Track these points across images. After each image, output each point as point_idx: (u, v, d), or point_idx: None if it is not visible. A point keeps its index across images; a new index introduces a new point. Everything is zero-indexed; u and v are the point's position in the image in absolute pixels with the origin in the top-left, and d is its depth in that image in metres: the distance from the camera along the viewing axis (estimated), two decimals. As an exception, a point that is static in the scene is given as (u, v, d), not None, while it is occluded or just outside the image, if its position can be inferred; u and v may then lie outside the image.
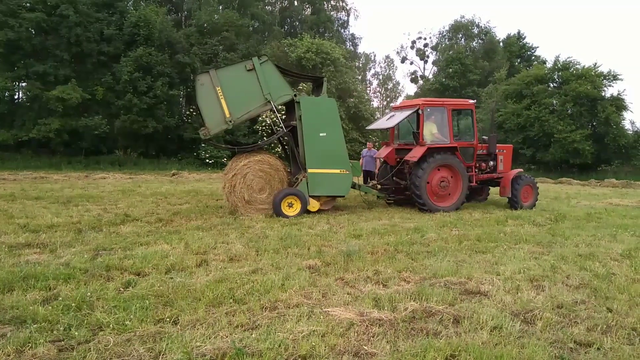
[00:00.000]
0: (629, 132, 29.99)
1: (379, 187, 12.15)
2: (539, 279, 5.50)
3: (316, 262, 5.98)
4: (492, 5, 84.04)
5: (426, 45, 55.02)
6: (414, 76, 56.99)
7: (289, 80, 11.18)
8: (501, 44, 46.67)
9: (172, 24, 29.06)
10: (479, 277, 5.47)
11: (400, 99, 57.11)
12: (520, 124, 30.47)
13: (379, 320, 4.09)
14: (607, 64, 60.21)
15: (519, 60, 45.78)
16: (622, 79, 38.08)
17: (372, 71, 61.71)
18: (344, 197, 11.40)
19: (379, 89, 60.67)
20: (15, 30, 22.60)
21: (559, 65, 31.49)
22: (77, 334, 3.68)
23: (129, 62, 24.55)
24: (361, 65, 57.70)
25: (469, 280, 5.37)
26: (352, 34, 52.86)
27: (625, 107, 29.19)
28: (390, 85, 60.57)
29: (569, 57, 31.84)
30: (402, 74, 79.61)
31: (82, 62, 25.35)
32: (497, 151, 12.40)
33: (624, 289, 5.16)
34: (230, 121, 9.96)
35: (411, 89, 77.57)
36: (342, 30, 49.10)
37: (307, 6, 46.28)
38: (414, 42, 55.69)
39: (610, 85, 29.63)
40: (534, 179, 12.74)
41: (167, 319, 4.03)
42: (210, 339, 3.65)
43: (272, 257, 6.28)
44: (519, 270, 5.82)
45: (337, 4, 48.65)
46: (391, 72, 61.42)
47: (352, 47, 50.07)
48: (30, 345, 3.47)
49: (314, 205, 10.49)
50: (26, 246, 6.60)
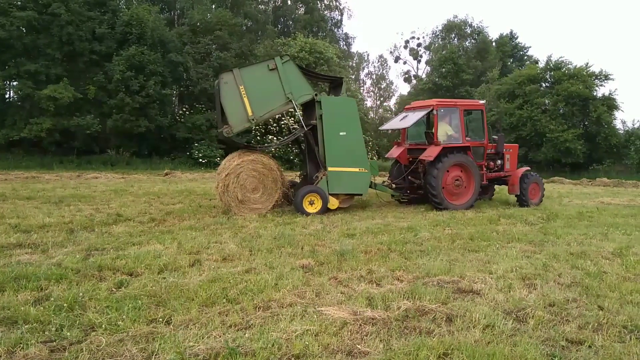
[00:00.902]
0: (620, 132, 30.27)
1: (394, 186, 12.28)
2: (531, 277, 5.53)
3: (310, 262, 5.98)
4: (485, 5, 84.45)
5: (419, 45, 55.18)
6: (407, 76, 57.13)
7: (309, 80, 11.36)
8: (494, 44, 46.88)
9: (164, 23, 28.91)
10: (472, 276, 5.49)
11: (393, 99, 57.22)
12: (512, 123, 30.63)
13: (372, 319, 4.10)
14: (598, 64, 60.75)
15: (512, 60, 46.07)
16: (613, 79, 38.51)
17: (366, 71, 61.79)
18: (361, 195, 11.58)
19: (372, 88, 60.73)
20: (6, 29, 22.39)
21: (551, 65, 31.69)
22: (69, 334, 3.66)
23: (121, 61, 24.40)
24: (355, 64, 57.75)
25: (461, 279, 5.39)
26: (346, 34, 52.91)
27: (616, 107, 29.44)
28: (383, 84, 60.64)
29: (561, 57, 32.09)
30: (395, 73, 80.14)
31: (73, 61, 25.16)
32: (504, 150, 12.68)
33: (615, 287, 5.21)
34: (252, 119, 10.10)
35: (404, 88, 77.82)
36: (336, 29, 49.11)
37: (301, 5, 46.25)
38: (407, 41, 55.85)
39: (601, 85, 29.89)
40: (540, 176, 13.05)
41: (160, 319, 4.02)
42: (203, 338, 3.64)
43: (265, 256, 6.28)
44: (511, 268, 5.86)
45: (331, 4, 48.64)
46: (384, 71, 61.51)
47: (345, 47, 50.10)
48: (21, 346, 3.44)
49: (334, 203, 10.64)
50: (17, 246, 6.54)
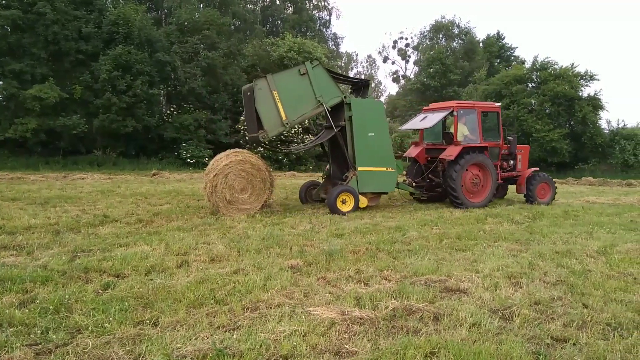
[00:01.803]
0: (605, 131, 30.60)
1: (414, 184, 12.60)
2: (517, 276, 5.60)
3: (298, 262, 5.99)
4: (472, 5, 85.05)
5: (407, 45, 55.51)
6: (395, 76, 57.49)
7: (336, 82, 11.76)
8: (481, 45, 47.25)
9: (151, 22, 28.65)
10: (459, 275, 5.54)
11: (382, 99, 57.38)
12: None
13: (360, 319, 4.12)
14: (583, 64, 61.50)
15: (499, 60, 46.44)
16: (598, 79, 38.94)
17: (355, 70, 62.04)
18: (387, 193, 12.14)
19: (361, 88, 60.73)
20: (-10, 28, 22.10)
21: (537, 65, 31.95)
22: (54, 337, 3.63)
23: (108, 61, 24.14)
24: (344, 64, 57.88)
25: (449, 278, 5.45)
26: (334, 34, 53.04)
27: (601, 107, 29.76)
28: (372, 84, 60.79)
29: (547, 58, 32.35)
30: (384, 73, 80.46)
31: (59, 61, 24.84)
32: (516, 151, 13.17)
33: (600, 285, 5.29)
34: (287, 123, 10.39)
35: (393, 88, 78.04)
36: (324, 29, 49.15)
37: (289, 5, 46.20)
38: (395, 41, 56.19)
39: (587, 85, 30.15)
40: (550, 176, 13.46)
41: (147, 321, 4.00)
42: (190, 340, 3.63)
43: (253, 257, 6.27)
44: (497, 267, 5.92)
45: (319, 3, 48.71)
46: (373, 71, 61.88)
47: (334, 47, 50.18)
48: (6, 349, 3.41)
49: (363, 201, 10.98)
50: (2, 248, 6.46)
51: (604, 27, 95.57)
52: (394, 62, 58.35)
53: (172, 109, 28.25)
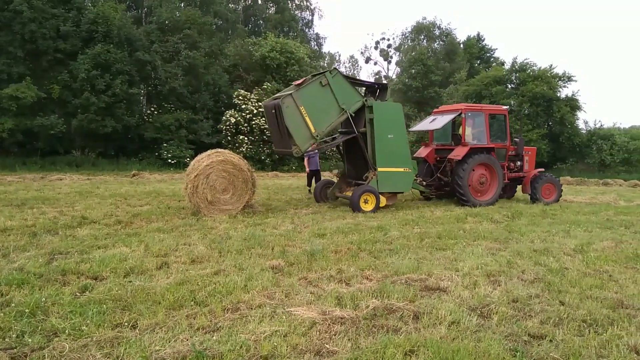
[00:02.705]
0: (583, 132, 31.18)
1: (424, 183, 13.08)
2: (496, 274, 5.68)
3: (280, 262, 5.98)
4: (453, 7, 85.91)
5: (389, 46, 55.68)
6: (378, 76, 57.57)
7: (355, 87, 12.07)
8: (461, 46, 47.70)
9: (131, 21, 28.31)
10: (439, 274, 5.60)
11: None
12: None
13: (341, 318, 4.14)
14: (561, 66, 62.68)
15: (479, 61, 46.91)
16: (576, 80, 39.70)
17: (337, 71, 61.89)
18: (403, 192, 12.61)
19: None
20: (-36, 25, 21.56)
21: (517, 66, 32.42)
22: (30, 340, 3.57)
23: (87, 60, 23.75)
24: (326, 65, 57.84)
25: (429, 276, 5.50)
26: (317, 34, 52.78)
27: (579, 107, 30.33)
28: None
29: (526, 59, 32.85)
30: (366, 74, 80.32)
31: (37, 60, 24.34)
32: (523, 153, 13.77)
33: (576, 282, 5.39)
34: (317, 135, 10.71)
35: (375, 88, 78.18)
36: (307, 29, 49.08)
37: (271, 5, 46.05)
38: (377, 42, 56.26)
39: (565, 86, 30.70)
40: (554, 177, 14.01)
41: (126, 324, 3.95)
42: (169, 342, 3.60)
43: (235, 258, 6.24)
44: (476, 266, 6.00)
45: (302, 4, 48.62)
46: (356, 72, 61.91)
47: (316, 47, 50.09)
48: (-21, 354, 3.34)
49: (382, 201, 11.34)
50: (-24, 251, 6.32)
51: (582, 30, 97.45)
52: (376, 63, 58.62)
53: (152, 109, 27.93)
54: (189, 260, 6.09)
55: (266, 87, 28.96)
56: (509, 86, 32.40)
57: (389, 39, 55.53)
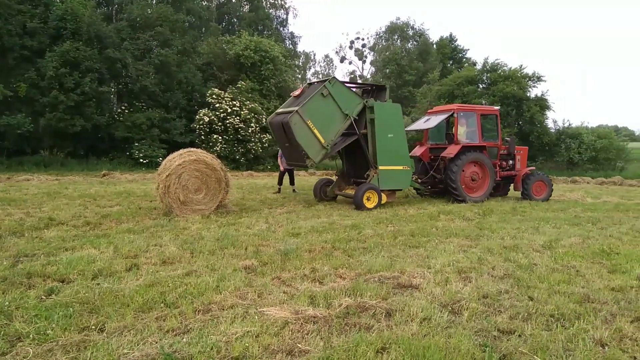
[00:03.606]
0: (552, 131, 31.90)
1: (419, 181, 13.51)
2: (467, 270, 5.75)
3: (253, 262, 5.92)
4: (426, 8, 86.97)
5: (364, 45, 55.98)
6: (352, 75, 57.79)
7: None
8: (434, 46, 48.33)
9: (101, 18, 27.69)
10: (412, 271, 5.64)
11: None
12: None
13: (314, 317, 4.12)
14: (531, 66, 64.19)
15: (451, 62, 47.63)
16: (545, 80, 40.56)
17: (312, 70, 62.06)
18: (401, 190, 12.98)
19: (318, 87, 60.83)
20: None
21: (488, 67, 32.98)
22: (-9, 346, 3.44)
23: (55, 57, 23.12)
24: (301, 64, 57.80)
25: (402, 274, 5.53)
26: (292, 33, 52.77)
27: (548, 107, 30.99)
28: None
29: (497, 60, 33.43)
30: (341, 73, 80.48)
31: (2, 57, 23.55)
32: (515, 152, 14.23)
33: (544, 278, 5.50)
34: (327, 145, 11.08)
35: (350, 88, 78.46)
36: (281, 28, 48.90)
37: (245, 3, 45.72)
38: (352, 42, 56.50)
39: (534, 86, 31.31)
40: (546, 175, 14.46)
41: (93, 327, 3.85)
42: (138, 345, 3.52)
43: (207, 258, 6.16)
44: (448, 263, 6.07)
45: (276, 2, 48.42)
46: (331, 71, 62.01)
47: (291, 46, 49.95)
48: None
49: (383, 198, 11.77)
50: None
51: (553, 31, 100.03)
52: (350, 62, 58.77)
53: (123, 107, 27.38)
54: (160, 261, 5.98)
55: (240, 85, 28.74)
56: (481, 86, 32.92)
57: (363, 39, 55.88)
